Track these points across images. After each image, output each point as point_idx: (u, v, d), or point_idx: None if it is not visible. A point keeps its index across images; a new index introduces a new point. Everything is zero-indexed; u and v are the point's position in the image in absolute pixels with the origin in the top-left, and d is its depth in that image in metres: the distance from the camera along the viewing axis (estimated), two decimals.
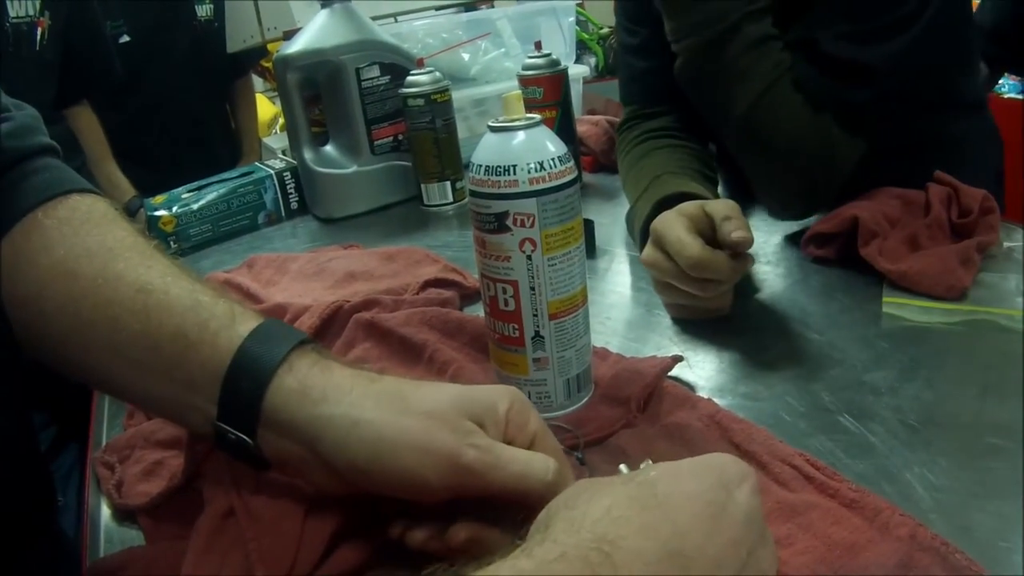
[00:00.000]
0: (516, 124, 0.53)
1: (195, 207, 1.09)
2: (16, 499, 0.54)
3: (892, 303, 0.68)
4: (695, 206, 0.66)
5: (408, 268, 0.85)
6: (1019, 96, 2.01)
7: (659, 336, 0.69)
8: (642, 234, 0.73)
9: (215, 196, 1.11)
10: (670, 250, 0.64)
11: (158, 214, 1.07)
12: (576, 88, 1.36)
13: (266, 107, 2.60)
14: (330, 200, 1.14)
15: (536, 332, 0.55)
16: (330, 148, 1.16)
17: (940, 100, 0.86)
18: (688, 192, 0.72)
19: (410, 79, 1.06)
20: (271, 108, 2.63)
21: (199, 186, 1.13)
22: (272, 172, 1.16)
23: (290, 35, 1.17)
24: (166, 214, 1.07)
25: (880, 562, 0.40)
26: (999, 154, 1.00)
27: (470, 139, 1.15)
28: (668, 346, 0.67)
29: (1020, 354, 0.58)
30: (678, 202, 0.68)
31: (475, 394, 0.44)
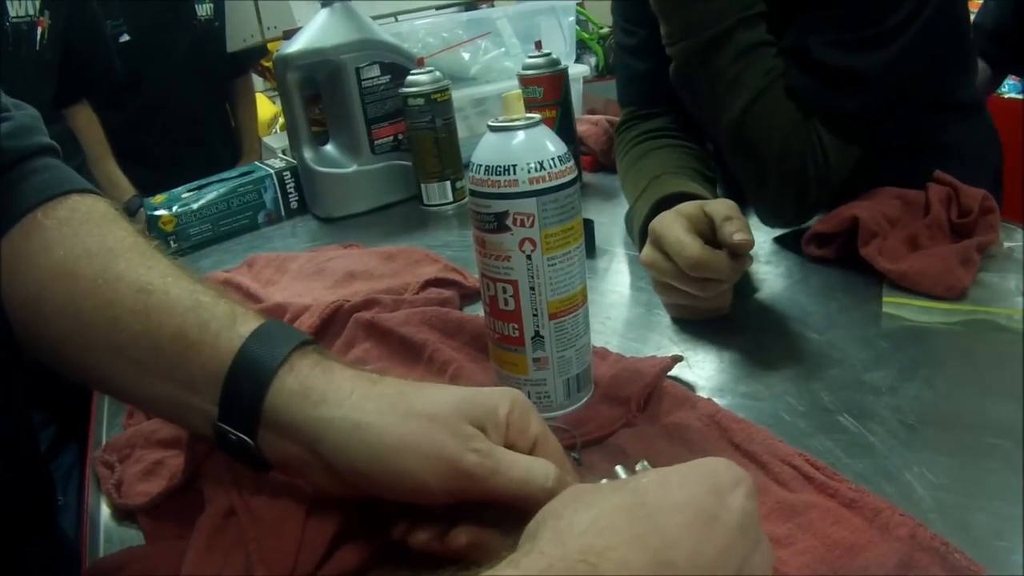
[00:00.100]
0: (516, 124, 0.53)
1: (195, 206, 1.09)
2: (16, 499, 0.54)
3: (892, 303, 0.68)
4: (694, 206, 0.66)
5: (408, 268, 0.85)
6: (1019, 96, 2.01)
7: (659, 336, 0.69)
8: (641, 234, 0.73)
9: (215, 195, 1.11)
10: (669, 250, 0.64)
11: (158, 213, 1.07)
12: (576, 88, 1.36)
13: (266, 106, 2.60)
14: (330, 199, 1.14)
15: (536, 332, 0.55)
16: (330, 147, 1.16)
17: (935, 104, 0.86)
18: (687, 192, 0.72)
19: (410, 78, 1.06)
20: (271, 107, 2.64)
21: (199, 185, 1.13)
22: (272, 171, 1.16)
23: (290, 34, 1.17)
24: (166, 213, 1.07)
25: (880, 562, 0.40)
26: (997, 154, 0.99)
27: (470, 139, 1.15)
28: (668, 346, 0.67)
29: (1020, 354, 0.58)
30: (677, 202, 0.68)
31: (476, 397, 0.44)
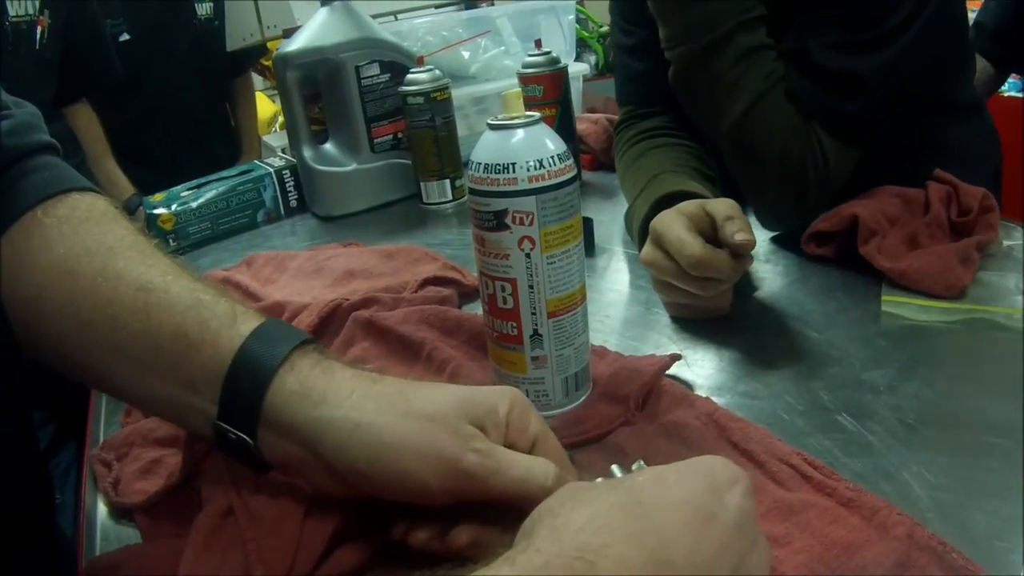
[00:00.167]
0: (515, 122, 0.52)
1: (194, 205, 1.09)
2: (15, 498, 0.54)
3: (891, 302, 0.68)
4: (695, 205, 0.66)
5: (407, 266, 0.85)
6: (1019, 95, 2.00)
7: (657, 334, 0.69)
8: (641, 233, 0.73)
9: (214, 194, 1.11)
10: (670, 249, 0.63)
11: (157, 212, 1.07)
12: (576, 86, 1.35)
13: (266, 105, 2.60)
14: (329, 198, 1.14)
15: (535, 330, 0.55)
16: (329, 146, 1.16)
17: (934, 104, 0.85)
18: (686, 191, 0.72)
19: (410, 77, 1.06)
20: (271, 106, 2.63)
21: (198, 184, 1.13)
22: (271, 170, 1.16)
23: (290, 33, 1.17)
24: (165, 212, 1.07)
25: (877, 561, 0.40)
26: (996, 154, 0.99)
27: (470, 137, 1.15)
28: (667, 344, 0.67)
29: (1019, 353, 0.58)
30: (677, 201, 0.68)
31: (476, 396, 0.44)
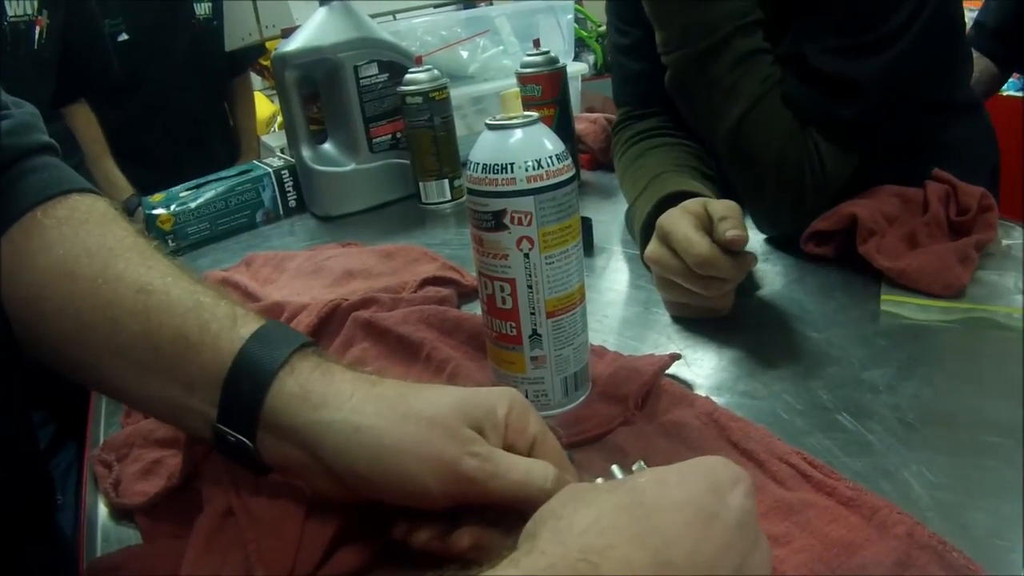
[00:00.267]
0: (514, 122, 0.52)
1: (193, 205, 1.09)
2: (15, 498, 0.54)
3: (890, 301, 0.68)
4: (699, 203, 0.66)
5: (406, 266, 0.85)
6: (1018, 94, 2.00)
7: (657, 334, 0.69)
8: (643, 232, 0.73)
9: (213, 194, 1.11)
10: (677, 247, 0.63)
11: (156, 212, 1.07)
12: (574, 86, 1.35)
13: (264, 105, 2.59)
14: (328, 198, 1.14)
15: (533, 330, 0.55)
16: (328, 146, 1.15)
17: (932, 104, 0.85)
18: (689, 191, 0.72)
19: (408, 77, 1.06)
20: (269, 106, 2.63)
21: (197, 184, 1.13)
22: (270, 170, 1.16)
23: (288, 33, 1.17)
24: (164, 212, 1.07)
25: (877, 560, 0.40)
26: (995, 153, 0.99)
27: (468, 137, 1.15)
28: (666, 344, 0.67)
29: (1018, 352, 0.58)
30: (679, 201, 0.67)
31: (475, 398, 0.44)
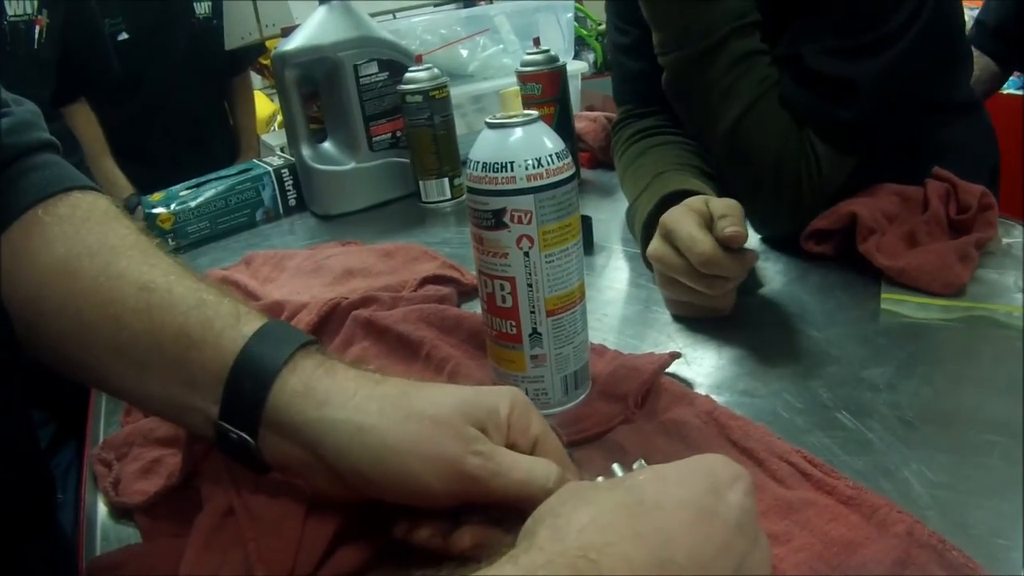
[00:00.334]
0: (514, 120, 0.52)
1: (193, 204, 1.09)
2: (16, 498, 0.54)
3: (890, 299, 0.68)
4: (702, 201, 0.65)
5: (406, 265, 0.85)
6: (1018, 92, 2.00)
7: (657, 333, 0.69)
8: (644, 230, 0.73)
9: (213, 193, 1.11)
10: (680, 245, 0.63)
11: (156, 211, 1.07)
12: (574, 84, 1.35)
13: (264, 104, 2.59)
14: (328, 197, 1.14)
15: (533, 329, 0.55)
16: (328, 145, 1.15)
17: (931, 104, 0.85)
18: (691, 190, 0.72)
19: (408, 75, 1.06)
20: (269, 105, 2.63)
21: (197, 183, 1.13)
22: (270, 169, 1.16)
23: (288, 32, 1.17)
24: (164, 211, 1.07)
25: (877, 559, 0.40)
26: (994, 153, 0.99)
27: (468, 136, 1.15)
28: (666, 343, 0.67)
29: (1018, 350, 0.58)
30: (681, 199, 0.67)
31: (477, 397, 0.44)
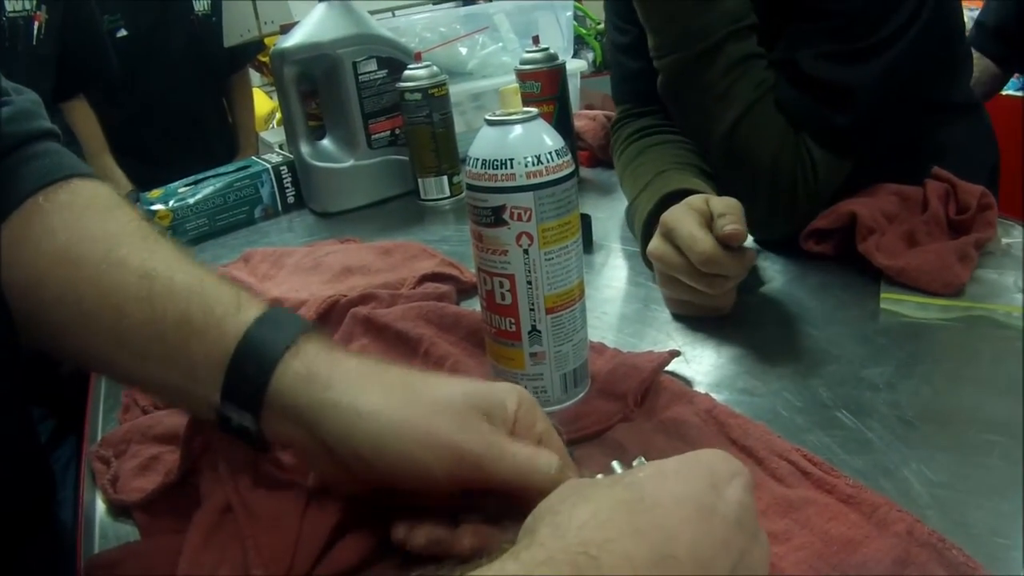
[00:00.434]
0: (513, 117, 0.52)
1: (191, 201, 1.08)
2: (16, 496, 0.54)
3: (890, 299, 0.68)
4: (703, 200, 0.65)
5: (405, 262, 0.85)
6: (1018, 93, 2.00)
7: (656, 331, 0.69)
8: (644, 229, 0.73)
9: (211, 190, 1.10)
10: (681, 244, 0.63)
11: (154, 208, 1.06)
12: (573, 83, 1.35)
13: (263, 102, 2.59)
14: (327, 194, 1.14)
15: (533, 326, 0.55)
16: (327, 142, 1.15)
17: (929, 105, 0.84)
18: (691, 189, 0.72)
19: (407, 73, 1.05)
20: (268, 103, 2.63)
21: (195, 180, 1.13)
22: (269, 166, 1.16)
23: (287, 29, 1.17)
24: (162, 208, 1.06)
25: (877, 558, 0.40)
26: (994, 154, 0.99)
27: (467, 134, 1.14)
28: (665, 341, 0.67)
29: (1018, 350, 0.58)
30: (682, 198, 0.67)
31: (484, 390, 0.44)
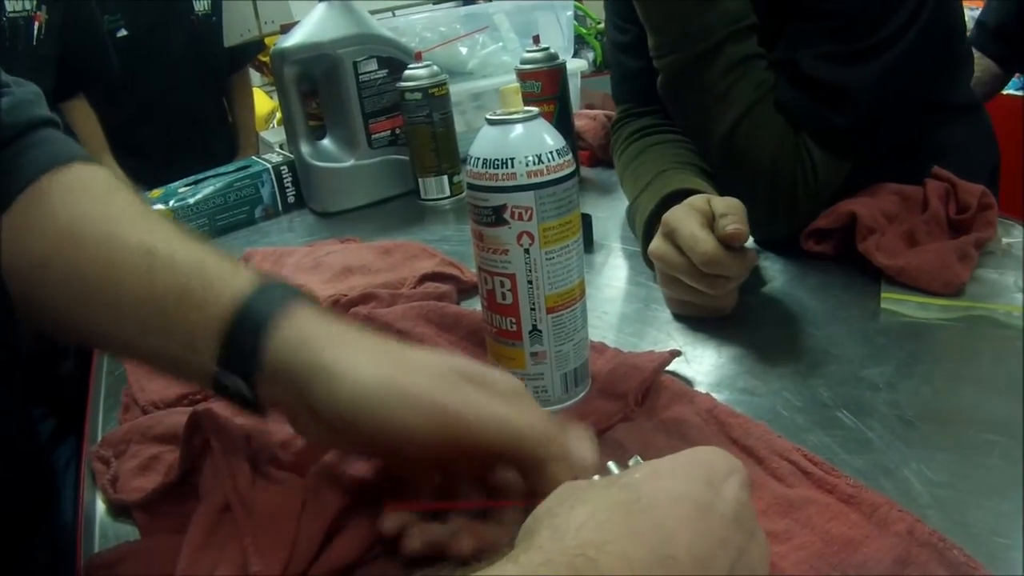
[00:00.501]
0: (514, 117, 0.52)
1: (192, 201, 1.08)
2: (16, 496, 0.54)
3: (890, 299, 0.68)
4: (704, 200, 0.65)
5: (405, 262, 0.85)
6: (1018, 93, 2.00)
7: (656, 331, 0.69)
8: (646, 229, 0.73)
9: (212, 190, 1.10)
10: (683, 244, 0.63)
11: (154, 208, 1.06)
12: (574, 82, 1.35)
13: (263, 101, 2.59)
14: (327, 194, 1.14)
15: (534, 326, 0.55)
16: (327, 142, 1.15)
17: (929, 105, 0.84)
18: (692, 188, 0.72)
19: (408, 73, 1.05)
20: (268, 102, 2.63)
21: (196, 180, 1.13)
22: (269, 166, 1.16)
23: (287, 29, 1.17)
24: (163, 208, 1.06)
25: (878, 558, 0.40)
26: (994, 154, 0.98)
27: (467, 133, 1.15)
28: (666, 341, 0.67)
29: (1018, 350, 0.58)
30: (683, 198, 0.67)
31: (478, 365, 0.45)
